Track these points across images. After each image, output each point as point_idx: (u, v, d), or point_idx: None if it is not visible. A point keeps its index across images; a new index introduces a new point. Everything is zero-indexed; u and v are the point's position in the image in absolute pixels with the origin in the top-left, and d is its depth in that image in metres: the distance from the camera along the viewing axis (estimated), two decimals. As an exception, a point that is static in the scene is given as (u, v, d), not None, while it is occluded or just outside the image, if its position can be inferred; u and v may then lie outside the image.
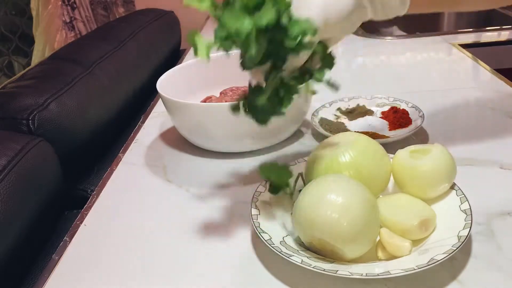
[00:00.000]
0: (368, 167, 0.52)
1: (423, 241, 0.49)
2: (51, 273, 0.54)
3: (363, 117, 0.80)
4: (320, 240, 0.46)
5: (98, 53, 1.00)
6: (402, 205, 0.51)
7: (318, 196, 0.46)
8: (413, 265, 0.43)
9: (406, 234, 0.48)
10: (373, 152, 0.53)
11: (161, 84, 0.78)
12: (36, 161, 0.68)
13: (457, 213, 0.50)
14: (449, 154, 0.53)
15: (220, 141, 0.73)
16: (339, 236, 0.45)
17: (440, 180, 0.52)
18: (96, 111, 0.90)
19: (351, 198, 0.45)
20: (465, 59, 1.06)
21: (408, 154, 0.54)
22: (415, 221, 0.48)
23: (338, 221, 0.44)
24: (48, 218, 0.72)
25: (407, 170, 0.53)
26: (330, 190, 0.46)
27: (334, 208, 0.45)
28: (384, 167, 0.54)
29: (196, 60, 0.89)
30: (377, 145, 0.55)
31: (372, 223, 0.47)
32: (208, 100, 0.84)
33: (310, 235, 0.47)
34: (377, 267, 0.45)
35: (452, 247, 0.45)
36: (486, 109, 0.81)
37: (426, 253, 0.45)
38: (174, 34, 1.47)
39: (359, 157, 0.52)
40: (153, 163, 0.75)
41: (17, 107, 0.75)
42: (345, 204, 0.45)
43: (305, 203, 0.47)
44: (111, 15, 1.73)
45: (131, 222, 0.62)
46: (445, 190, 0.53)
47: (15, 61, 1.86)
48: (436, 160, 0.52)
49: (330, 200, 0.45)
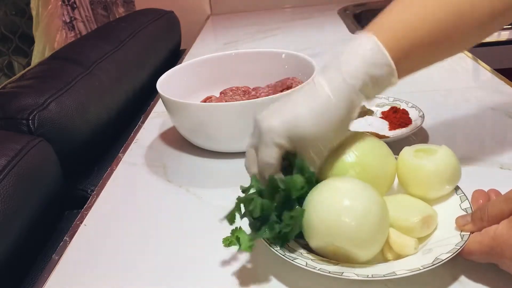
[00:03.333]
0: (374, 166, 0.52)
1: (425, 240, 0.49)
2: (51, 273, 0.54)
3: (363, 117, 0.79)
4: (336, 246, 0.45)
5: (98, 53, 1.00)
6: (403, 204, 0.51)
7: (334, 203, 0.45)
8: (418, 265, 0.43)
9: (409, 232, 0.48)
10: (378, 151, 0.53)
11: (161, 84, 0.78)
12: (36, 161, 0.68)
13: (458, 212, 0.50)
14: (455, 156, 0.52)
15: (220, 141, 0.73)
16: (357, 242, 0.45)
17: (443, 182, 0.52)
18: (96, 111, 0.89)
19: (367, 204, 0.45)
20: (465, 59, 1.06)
21: (413, 154, 0.53)
22: (417, 218, 0.48)
23: (357, 228, 0.44)
24: (48, 218, 0.72)
25: (411, 170, 0.53)
26: (346, 196, 0.46)
27: (353, 216, 0.44)
28: (389, 166, 0.53)
29: (196, 60, 0.89)
30: (382, 144, 0.54)
31: (385, 226, 0.47)
32: (208, 100, 0.84)
33: (327, 242, 0.46)
34: (382, 267, 0.45)
35: (456, 246, 0.45)
36: (486, 109, 0.81)
37: (430, 252, 0.45)
38: (174, 34, 1.47)
39: (364, 157, 0.51)
40: (153, 163, 0.75)
41: (17, 107, 0.75)
42: (364, 211, 0.44)
43: (320, 210, 0.46)
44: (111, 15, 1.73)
45: (131, 222, 0.62)
46: (448, 192, 0.53)
47: (15, 61, 1.85)
48: (441, 162, 0.51)
49: (348, 207, 0.45)
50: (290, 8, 1.81)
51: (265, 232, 0.47)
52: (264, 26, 1.56)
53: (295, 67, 0.84)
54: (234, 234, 0.48)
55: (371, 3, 1.70)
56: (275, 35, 1.45)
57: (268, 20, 1.65)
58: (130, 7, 1.76)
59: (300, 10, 1.75)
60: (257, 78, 0.88)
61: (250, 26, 1.59)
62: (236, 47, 1.35)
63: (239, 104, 0.70)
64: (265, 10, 1.81)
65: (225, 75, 0.89)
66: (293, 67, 0.85)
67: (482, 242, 0.44)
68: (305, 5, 1.79)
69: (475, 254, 0.45)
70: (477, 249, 0.44)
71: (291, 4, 1.82)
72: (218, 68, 0.90)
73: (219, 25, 1.70)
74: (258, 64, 0.89)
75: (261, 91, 0.84)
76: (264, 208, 0.47)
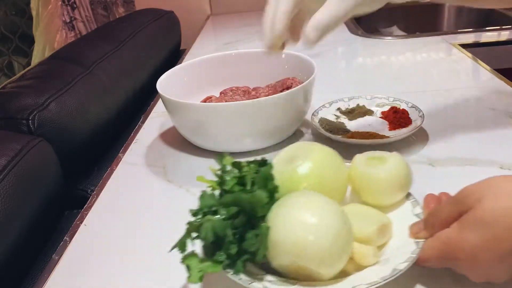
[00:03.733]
0: (327, 176, 0.50)
1: (381, 249, 0.48)
2: (51, 273, 0.54)
3: (363, 117, 0.80)
4: (299, 265, 0.43)
5: (98, 53, 1.00)
6: (358, 214, 0.50)
7: (301, 220, 0.43)
8: (377, 277, 0.43)
9: (366, 242, 0.47)
10: (330, 161, 0.52)
11: (161, 84, 0.78)
12: (36, 161, 0.68)
13: (411, 218, 0.50)
14: (406, 164, 0.52)
15: (220, 141, 0.73)
16: (324, 260, 0.43)
17: (396, 189, 0.52)
18: (96, 111, 0.89)
19: (336, 220, 0.43)
20: (465, 59, 1.06)
21: (364, 162, 0.53)
22: (373, 227, 0.47)
23: (326, 247, 0.42)
24: (48, 218, 0.72)
25: (364, 178, 0.52)
26: (313, 213, 0.44)
27: (321, 233, 0.42)
28: (342, 175, 0.52)
29: (196, 60, 0.89)
30: (334, 152, 0.53)
31: (351, 241, 0.45)
32: (208, 100, 0.84)
33: (291, 261, 0.43)
34: (342, 284, 0.44)
35: (412, 255, 0.44)
36: (486, 109, 0.81)
37: (388, 262, 0.45)
38: (174, 34, 1.47)
39: (317, 167, 0.50)
40: (153, 163, 0.75)
41: (17, 107, 0.75)
42: (333, 228, 0.43)
43: (285, 228, 0.43)
44: (111, 15, 1.73)
45: (131, 222, 0.62)
46: (400, 199, 0.52)
47: (15, 61, 1.86)
48: (393, 169, 0.51)
49: (316, 225, 0.43)
50: (290, 8, 1.81)
51: (221, 256, 0.44)
52: (264, 26, 1.56)
53: (295, 67, 0.84)
54: (184, 261, 0.44)
55: (371, 3, 1.70)
56: (275, 35, 1.45)
57: (268, 20, 1.65)
58: (130, 7, 1.76)
59: (300, 10, 1.75)
60: (257, 78, 0.88)
61: (250, 26, 1.59)
62: (236, 47, 1.35)
63: (239, 104, 0.70)
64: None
65: (225, 75, 0.89)
66: (293, 67, 0.84)
67: (435, 248, 0.43)
68: (305, 5, 1.79)
69: (430, 261, 0.44)
70: (431, 255, 0.44)
71: (291, 4, 1.82)
72: (218, 68, 0.90)
73: (219, 25, 1.70)
74: (258, 64, 0.89)
75: (261, 91, 0.84)
76: (217, 230, 0.44)
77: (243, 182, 0.48)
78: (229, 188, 0.47)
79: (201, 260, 0.44)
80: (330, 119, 0.79)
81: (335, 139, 0.71)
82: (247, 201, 0.45)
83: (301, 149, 0.52)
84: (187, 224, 0.45)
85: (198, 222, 0.45)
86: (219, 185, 0.48)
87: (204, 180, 0.49)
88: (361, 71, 1.10)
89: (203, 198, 0.47)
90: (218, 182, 0.48)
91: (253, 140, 0.72)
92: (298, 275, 0.45)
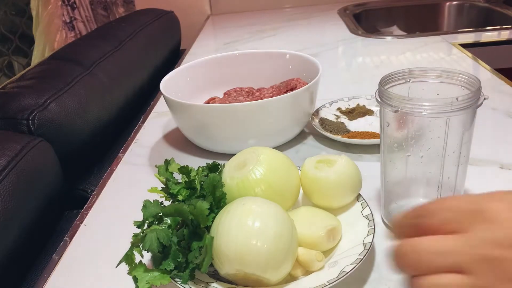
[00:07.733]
0: (280, 181, 0.50)
1: (331, 252, 0.48)
2: (51, 273, 0.54)
3: (363, 117, 0.80)
4: (246, 273, 0.43)
5: (98, 53, 1.00)
6: (308, 218, 0.50)
7: (244, 227, 0.43)
8: (324, 280, 0.43)
9: (315, 245, 0.47)
10: (281, 164, 0.52)
11: (164, 85, 0.77)
12: (36, 161, 0.68)
13: (360, 219, 0.50)
14: (355, 166, 0.53)
15: (224, 142, 0.73)
16: (269, 266, 0.42)
17: (346, 191, 0.52)
18: (96, 111, 0.89)
19: (278, 226, 0.43)
20: (465, 59, 1.06)
21: (313, 165, 0.53)
22: (322, 231, 0.47)
23: (269, 252, 0.42)
24: (48, 218, 0.72)
25: (313, 181, 0.52)
26: (255, 219, 0.43)
27: (264, 239, 0.42)
28: (294, 179, 0.53)
29: (199, 61, 0.89)
30: (284, 156, 0.53)
31: (296, 246, 0.45)
32: (212, 101, 0.84)
33: (237, 269, 0.43)
34: (288, 287, 0.44)
35: (359, 256, 0.44)
36: (486, 109, 0.81)
37: (336, 265, 0.45)
38: (174, 34, 1.47)
39: (269, 173, 0.50)
40: (153, 163, 0.75)
41: (17, 107, 0.75)
42: (275, 234, 0.43)
43: (229, 236, 0.43)
44: (111, 15, 1.73)
45: (131, 222, 0.62)
46: (350, 200, 0.53)
47: (15, 61, 1.85)
48: (341, 172, 0.51)
49: (259, 230, 0.42)
50: (290, 8, 1.81)
51: (168, 265, 0.43)
52: (264, 26, 1.56)
53: (300, 68, 0.84)
54: (131, 273, 0.44)
55: (371, 3, 1.70)
56: (275, 35, 1.45)
57: (268, 20, 1.65)
58: (130, 7, 1.76)
59: (300, 10, 1.75)
60: (261, 79, 0.88)
61: (250, 26, 1.59)
62: (236, 47, 1.35)
63: (242, 105, 0.70)
64: (265, 10, 1.81)
65: (229, 76, 0.89)
66: (298, 67, 0.84)
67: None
68: (305, 5, 1.79)
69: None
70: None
71: (291, 4, 1.82)
72: (222, 68, 0.90)
73: (219, 25, 1.70)
74: (262, 64, 0.89)
75: (265, 92, 0.84)
76: (162, 240, 0.43)
77: (191, 186, 0.48)
78: (175, 192, 0.48)
79: (148, 270, 0.44)
80: (330, 119, 0.79)
81: (335, 139, 0.71)
82: (189, 213, 0.45)
83: (252, 154, 0.52)
84: (132, 237, 0.45)
85: (143, 234, 0.45)
86: (165, 191, 0.49)
87: (156, 191, 0.49)
88: (361, 71, 1.10)
89: (145, 208, 0.47)
90: (164, 189, 0.49)
91: (257, 141, 0.72)
92: (247, 282, 0.45)
